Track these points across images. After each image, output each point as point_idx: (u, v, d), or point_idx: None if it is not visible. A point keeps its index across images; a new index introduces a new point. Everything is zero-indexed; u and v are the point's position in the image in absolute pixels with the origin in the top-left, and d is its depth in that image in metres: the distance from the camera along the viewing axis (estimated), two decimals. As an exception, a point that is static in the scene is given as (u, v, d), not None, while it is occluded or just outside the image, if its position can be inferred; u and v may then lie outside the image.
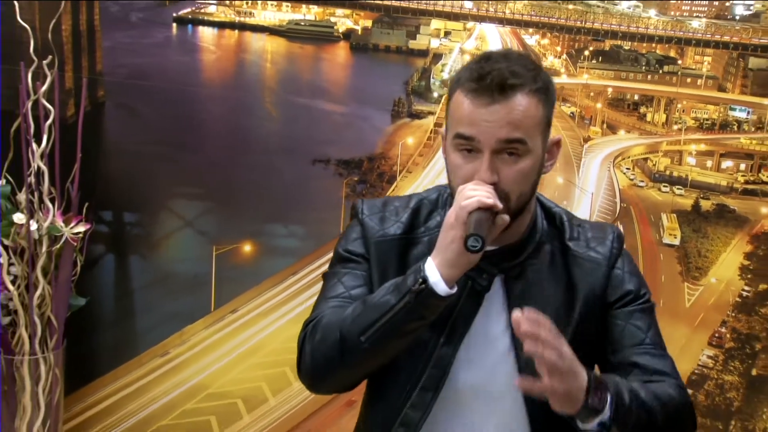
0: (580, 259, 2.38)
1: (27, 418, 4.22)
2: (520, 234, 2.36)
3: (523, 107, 2.21)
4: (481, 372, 2.33)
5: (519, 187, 2.23)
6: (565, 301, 2.34)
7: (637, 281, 2.44)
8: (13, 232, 3.81)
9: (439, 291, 2.11)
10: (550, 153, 2.35)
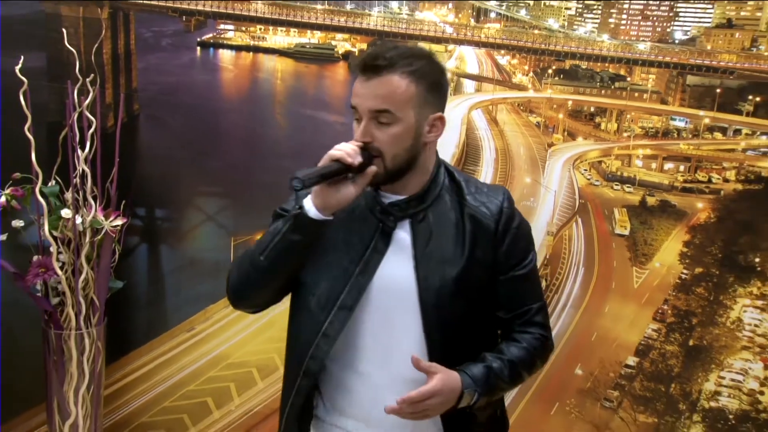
0: (473, 210, 2.44)
1: (74, 384, 4.08)
2: (421, 186, 2.43)
3: (391, 84, 2.31)
4: (390, 298, 2.40)
5: (391, 148, 2.33)
6: (460, 242, 2.41)
7: (524, 244, 2.51)
8: (62, 225, 3.86)
9: (311, 215, 2.27)
10: (432, 126, 2.40)
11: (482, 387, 2.35)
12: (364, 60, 2.37)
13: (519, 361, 2.45)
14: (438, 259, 2.42)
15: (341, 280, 2.43)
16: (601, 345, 7.04)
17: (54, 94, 6.15)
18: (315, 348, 2.45)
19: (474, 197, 2.49)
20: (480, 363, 2.39)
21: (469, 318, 2.46)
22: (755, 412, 6.57)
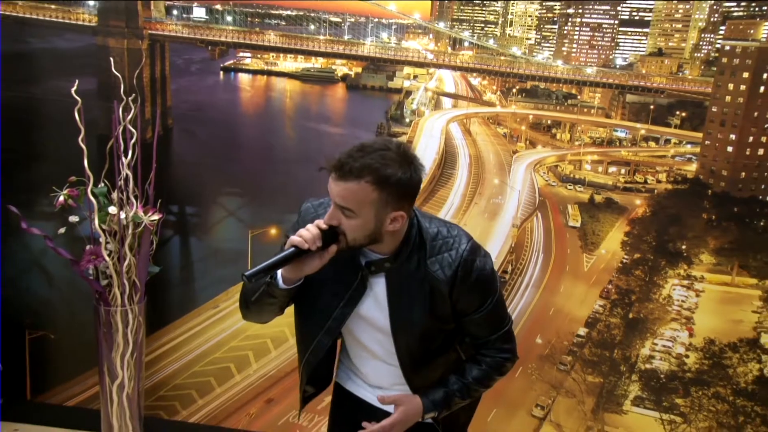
0: (431, 276, 2.27)
1: (120, 351, 4.18)
2: (393, 248, 2.28)
3: (351, 190, 2.15)
4: (368, 327, 2.32)
5: (351, 234, 2.19)
6: (422, 301, 2.26)
7: (477, 296, 2.33)
8: (109, 219, 3.94)
9: (280, 285, 2.21)
10: (393, 220, 2.20)
11: (440, 407, 2.31)
12: (335, 164, 2.19)
13: (477, 381, 2.35)
14: (407, 313, 2.31)
15: (327, 312, 2.34)
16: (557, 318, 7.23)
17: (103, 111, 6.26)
18: (313, 348, 2.40)
19: (434, 261, 2.31)
20: (441, 387, 2.33)
21: (434, 350, 2.37)
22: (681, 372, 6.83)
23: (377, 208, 2.18)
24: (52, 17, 3.75)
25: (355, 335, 2.44)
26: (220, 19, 3.58)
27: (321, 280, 2.34)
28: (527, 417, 4.07)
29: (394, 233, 2.31)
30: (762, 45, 3.27)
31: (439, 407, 2.33)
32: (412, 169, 2.20)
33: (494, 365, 2.39)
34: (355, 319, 2.39)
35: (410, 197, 2.24)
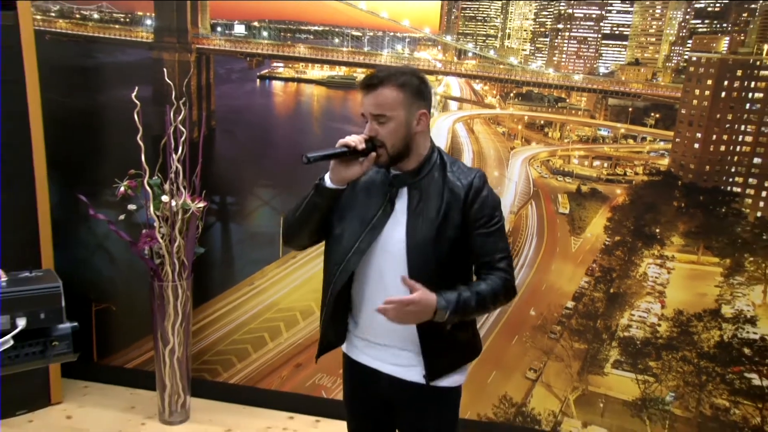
0: (451, 183, 2.51)
1: (171, 321, 4.36)
2: (417, 164, 2.51)
3: (382, 95, 2.42)
4: (391, 239, 2.49)
5: (389, 139, 2.42)
6: (440, 202, 2.48)
7: (489, 209, 2.55)
8: (162, 207, 4.15)
9: (326, 184, 2.45)
10: (419, 120, 2.47)
11: (453, 306, 2.42)
12: (364, 80, 2.48)
13: (484, 293, 2.49)
14: (423, 217, 2.49)
15: (358, 233, 2.53)
16: (549, 293, 7.05)
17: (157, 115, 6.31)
18: (337, 276, 2.58)
19: (453, 174, 2.57)
20: (453, 291, 2.46)
21: (442, 263, 2.53)
22: (654, 339, 6.54)
23: (405, 107, 2.44)
24: (116, 35, 3.85)
25: (371, 265, 2.58)
26: (257, 34, 3.65)
27: (352, 206, 2.58)
28: (522, 379, 4.08)
29: (420, 142, 2.53)
30: (723, 56, 3.30)
31: (450, 305, 2.42)
32: (421, 78, 2.50)
33: (497, 284, 2.54)
34: (377, 246, 2.56)
35: (426, 98, 2.51)
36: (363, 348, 2.70)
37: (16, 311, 2.44)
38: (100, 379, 4.93)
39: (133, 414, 4.56)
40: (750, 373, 4.02)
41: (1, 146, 4.19)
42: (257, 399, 4.76)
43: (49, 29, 4.46)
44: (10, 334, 2.39)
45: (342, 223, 2.59)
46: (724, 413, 4.10)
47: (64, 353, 2.54)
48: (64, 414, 4.52)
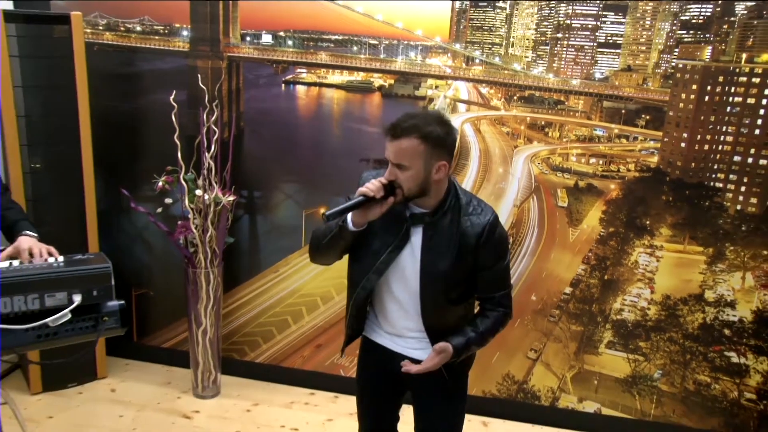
0: (464, 229, 2.55)
1: (203, 304, 4.45)
2: (433, 206, 2.54)
3: (403, 146, 2.42)
4: (406, 268, 2.57)
5: (406, 184, 2.44)
6: (453, 244, 2.53)
7: (494, 254, 2.61)
8: (196, 200, 4.23)
9: (350, 228, 2.48)
10: (437, 170, 2.47)
11: (461, 352, 2.57)
12: (388, 128, 2.49)
13: (487, 331, 2.62)
14: (435, 255, 2.56)
15: (378, 255, 2.59)
16: (548, 280, 7.00)
17: (191, 117, 6.29)
18: (357, 292, 2.68)
19: (468, 219, 2.60)
20: (461, 336, 2.58)
21: (450, 293, 2.61)
22: (644, 321, 6.47)
23: (425, 159, 2.43)
24: (156, 45, 3.90)
25: (389, 283, 2.64)
26: (283, 43, 3.69)
27: (374, 232, 2.60)
28: (524, 358, 4.14)
29: (438, 187, 2.54)
30: (706, 64, 3.33)
31: (460, 351, 2.56)
32: (447, 127, 2.47)
33: (498, 318, 2.63)
34: (393, 268, 2.61)
35: (449, 150, 2.49)
36: (379, 331, 2.80)
37: (73, 288, 2.52)
38: (139, 357, 5.01)
39: (169, 389, 4.66)
40: (729, 351, 4.07)
41: (54, 145, 4.29)
42: (281, 376, 4.82)
43: (97, 41, 4.53)
44: (69, 308, 2.49)
45: (363, 247, 2.64)
46: (705, 388, 4.15)
47: (113, 328, 2.65)
48: (108, 387, 4.63)
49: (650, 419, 4.31)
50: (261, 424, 4.32)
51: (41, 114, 4.23)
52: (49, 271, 2.52)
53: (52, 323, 2.47)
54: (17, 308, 2.46)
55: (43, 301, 2.48)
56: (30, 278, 2.48)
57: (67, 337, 2.57)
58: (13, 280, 2.47)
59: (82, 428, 4.15)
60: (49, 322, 2.46)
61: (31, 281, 2.48)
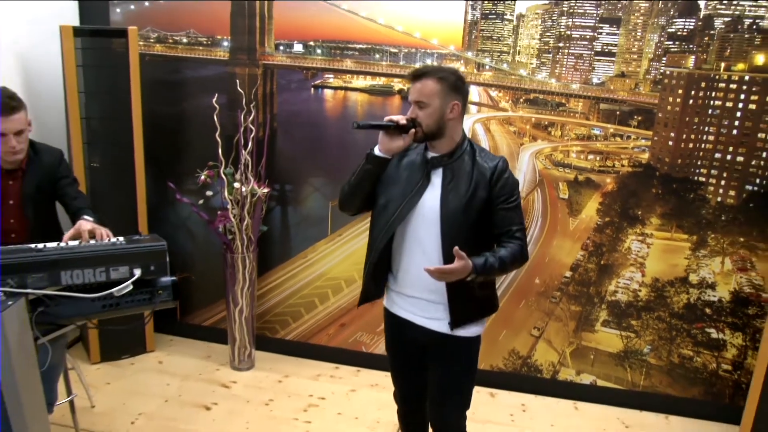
0: (479, 166, 2.66)
1: (240, 285, 4.57)
2: (450, 148, 2.67)
3: (422, 85, 2.59)
4: (428, 208, 2.65)
5: (425, 121, 2.60)
6: (469, 181, 2.63)
7: (509, 189, 2.68)
8: (234, 192, 4.33)
9: (375, 153, 2.63)
10: (451, 109, 2.61)
11: (481, 269, 2.54)
12: (412, 72, 2.64)
13: (505, 258, 2.60)
14: (454, 192, 2.62)
15: (400, 201, 2.67)
16: (551, 265, 6.97)
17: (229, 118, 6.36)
18: (381, 235, 2.72)
19: (482, 158, 2.68)
20: (481, 257, 2.57)
21: (468, 230, 2.65)
22: (635, 302, 6.48)
23: (441, 98, 2.58)
24: (200, 55, 4.05)
25: (413, 226, 2.70)
26: (312, 52, 3.81)
27: (397, 181, 2.71)
28: (527, 336, 4.27)
29: (452, 130, 2.66)
30: (690, 71, 3.45)
31: (479, 269, 2.54)
32: (460, 78, 2.64)
33: (514, 249, 2.64)
34: (416, 211, 2.68)
35: (462, 94, 2.64)
36: (399, 302, 2.83)
37: (134, 263, 2.66)
38: (182, 334, 5.15)
39: (209, 362, 4.81)
40: (709, 328, 4.20)
41: (110, 145, 4.45)
42: (309, 352, 4.92)
43: (149, 52, 4.61)
44: (131, 280, 2.62)
45: (386, 195, 2.71)
46: (688, 361, 4.28)
47: (166, 300, 2.78)
48: (156, 359, 4.80)
49: (640, 389, 4.39)
50: (291, 393, 4.43)
51: (99, 117, 4.36)
52: (114, 248, 2.64)
53: (117, 293, 2.59)
54: (87, 280, 2.59)
55: (108, 273, 2.61)
56: (98, 253, 2.61)
57: (127, 308, 2.70)
58: (84, 255, 2.60)
59: (135, 394, 4.30)
60: (114, 292, 2.58)
61: (99, 256, 2.60)
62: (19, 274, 2.49)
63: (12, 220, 3.12)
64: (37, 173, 3.15)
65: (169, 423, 4.01)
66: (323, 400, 4.39)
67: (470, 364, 2.86)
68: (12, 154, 3.00)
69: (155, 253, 2.71)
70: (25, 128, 3.01)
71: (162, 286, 2.77)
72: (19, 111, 2.95)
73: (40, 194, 3.18)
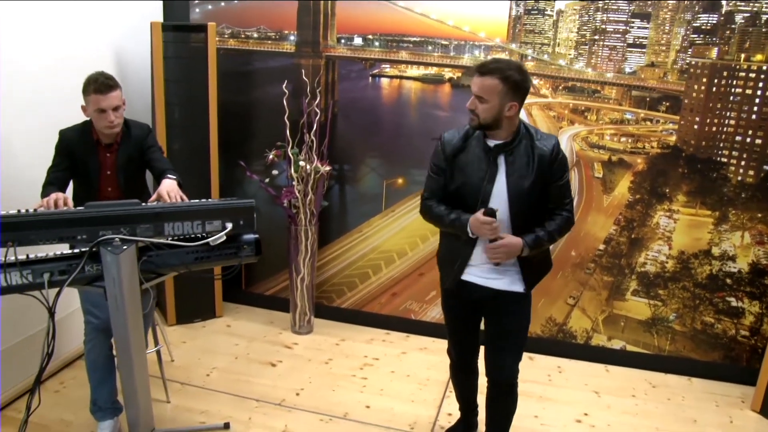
0: (539, 150, 2.75)
1: (302, 256, 4.72)
2: (509, 136, 2.74)
3: (486, 83, 2.62)
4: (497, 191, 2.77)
5: (482, 115, 2.66)
6: (531, 165, 2.74)
7: (562, 169, 2.79)
8: (300, 170, 4.48)
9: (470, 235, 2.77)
10: (509, 108, 2.65)
11: (531, 244, 2.74)
12: (478, 66, 2.65)
13: (553, 229, 2.79)
14: (518, 175, 2.73)
15: (478, 188, 2.76)
16: (586, 238, 6.99)
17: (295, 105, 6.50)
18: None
19: (539, 142, 2.75)
20: (532, 233, 2.75)
21: (532, 205, 2.78)
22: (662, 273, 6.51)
23: (500, 97, 2.62)
24: (269, 48, 4.25)
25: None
26: (371, 44, 4.02)
27: (465, 170, 2.77)
28: (563, 304, 4.42)
29: (510, 122, 2.70)
30: (713, 62, 3.60)
31: (530, 244, 2.74)
32: (524, 75, 2.65)
33: (563, 220, 2.82)
34: (488, 197, 2.76)
35: (521, 94, 2.66)
36: (468, 270, 2.98)
37: (225, 218, 2.77)
38: (247, 302, 5.33)
39: (271, 327, 5.02)
40: (729, 297, 4.32)
41: (188, 129, 4.59)
42: (362, 319, 5.08)
43: (223, 46, 4.85)
44: (224, 231, 2.74)
45: (460, 181, 2.81)
46: (710, 327, 4.40)
47: (250, 255, 2.89)
48: (225, 323, 5.03)
49: (665, 354, 4.51)
50: (348, 354, 4.64)
51: (179, 104, 4.53)
52: (208, 204, 2.77)
53: (213, 242, 2.73)
54: (186, 231, 2.73)
55: (204, 226, 2.73)
56: (195, 208, 2.74)
57: (216, 260, 2.84)
58: (183, 210, 2.75)
59: (208, 352, 4.56)
60: (210, 242, 2.73)
61: (196, 210, 2.74)
62: (130, 224, 2.67)
63: (109, 188, 3.37)
64: (128, 146, 3.37)
65: (240, 376, 4.27)
66: (377, 360, 4.59)
67: (526, 314, 3.00)
68: (109, 128, 3.23)
69: (244, 209, 2.80)
70: (120, 105, 3.25)
71: (246, 242, 2.88)
72: (115, 89, 3.21)
73: (131, 164, 3.39)
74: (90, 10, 4.15)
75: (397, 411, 3.94)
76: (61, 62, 3.89)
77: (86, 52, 4.12)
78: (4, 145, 3.58)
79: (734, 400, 4.26)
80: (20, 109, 3.65)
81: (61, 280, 2.57)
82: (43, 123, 3.57)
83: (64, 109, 3.51)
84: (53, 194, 2.88)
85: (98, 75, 3.19)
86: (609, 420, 3.95)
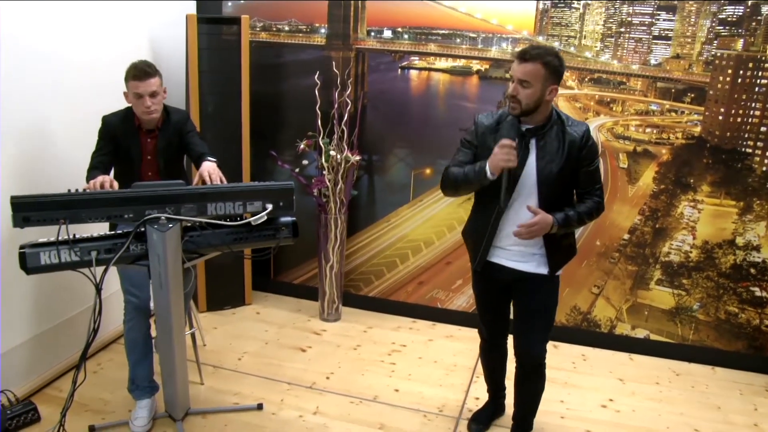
0: (569, 135, 2.81)
1: (332, 243, 4.77)
2: (542, 121, 2.80)
3: (528, 67, 2.68)
4: (526, 174, 2.83)
5: (525, 100, 2.71)
6: (561, 150, 2.80)
7: (593, 154, 2.86)
8: (331, 159, 4.53)
9: (488, 176, 2.76)
10: (550, 92, 2.72)
11: (562, 222, 2.80)
12: (520, 52, 2.69)
13: (583, 211, 2.86)
14: (548, 159, 2.80)
15: (508, 171, 2.77)
16: (611, 227, 6.96)
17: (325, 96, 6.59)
18: (498, 210, 2.89)
19: (570, 128, 2.82)
20: (562, 212, 2.82)
21: (560, 189, 2.86)
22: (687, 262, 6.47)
23: (543, 81, 2.70)
24: (300, 41, 4.31)
25: (518, 190, 2.84)
26: (400, 37, 4.07)
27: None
28: (588, 293, 4.45)
29: (546, 107, 2.77)
30: (738, 53, 3.62)
31: (560, 222, 2.81)
32: (561, 60, 2.72)
33: (593, 204, 2.89)
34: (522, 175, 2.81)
35: (559, 77, 2.73)
36: (496, 253, 3.04)
37: (266, 199, 2.85)
38: (275, 290, 5.41)
39: (300, 314, 5.09)
40: (753, 287, 4.32)
41: (221, 118, 4.65)
42: (389, 307, 5.12)
43: (255, 39, 4.90)
44: (265, 212, 2.82)
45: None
46: (734, 317, 4.40)
47: (288, 237, 2.97)
48: (254, 311, 5.10)
49: (689, 343, 4.53)
50: (376, 341, 4.71)
51: (212, 94, 4.61)
52: (249, 186, 2.86)
53: (254, 222, 2.82)
54: (228, 211, 2.81)
55: (245, 206, 2.81)
56: (237, 189, 2.83)
57: (254, 241, 2.91)
58: (225, 190, 2.84)
59: (239, 338, 4.64)
60: (251, 221, 2.81)
61: (237, 191, 2.83)
62: (175, 204, 2.76)
63: (149, 173, 3.47)
64: (168, 131, 3.47)
65: (271, 360, 4.36)
66: (404, 347, 4.65)
67: (553, 295, 3.07)
68: (147, 113, 3.32)
69: (284, 191, 2.89)
70: (158, 91, 3.34)
71: (284, 224, 2.97)
72: (153, 76, 3.30)
73: (170, 149, 3.49)
74: (129, 5, 4.30)
75: (426, 394, 4.01)
76: (104, 55, 4.04)
77: (125, 45, 4.27)
78: (52, 133, 3.72)
79: (758, 389, 4.28)
80: (67, 97, 3.80)
81: (107, 258, 2.67)
82: (87, 112, 3.69)
83: (104, 99, 3.67)
84: (99, 177, 2.97)
85: (139, 62, 3.30)
86: (634, 405, 4.00)
